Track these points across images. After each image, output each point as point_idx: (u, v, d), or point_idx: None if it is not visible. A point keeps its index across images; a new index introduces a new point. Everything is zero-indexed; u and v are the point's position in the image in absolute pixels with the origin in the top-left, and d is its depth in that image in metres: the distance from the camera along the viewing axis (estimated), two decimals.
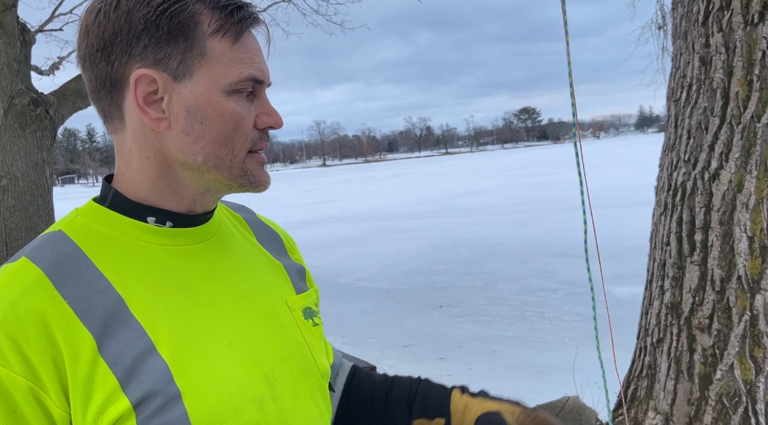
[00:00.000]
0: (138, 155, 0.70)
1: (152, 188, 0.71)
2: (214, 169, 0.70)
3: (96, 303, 0.63)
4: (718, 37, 2.11)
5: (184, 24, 0.66)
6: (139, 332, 0.63)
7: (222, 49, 0.68)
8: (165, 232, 0.71)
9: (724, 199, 2.09)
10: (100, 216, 0.70)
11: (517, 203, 16.65)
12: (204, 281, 0.71)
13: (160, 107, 0.68)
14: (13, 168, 5.04)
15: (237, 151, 0.70)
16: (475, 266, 9.02)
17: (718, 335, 2.09)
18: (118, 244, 0.68)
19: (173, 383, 0.62)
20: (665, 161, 2.44)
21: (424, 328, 6.23)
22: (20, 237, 5.09)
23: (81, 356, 0.60)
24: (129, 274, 0.67)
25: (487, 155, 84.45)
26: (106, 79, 0.69)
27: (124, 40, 0.66)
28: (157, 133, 0.69)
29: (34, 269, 0.63)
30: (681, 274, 2.23)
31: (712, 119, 2.13)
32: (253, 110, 0.71)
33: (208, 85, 0.68)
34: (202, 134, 0.68)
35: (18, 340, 0.59)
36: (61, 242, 0.67)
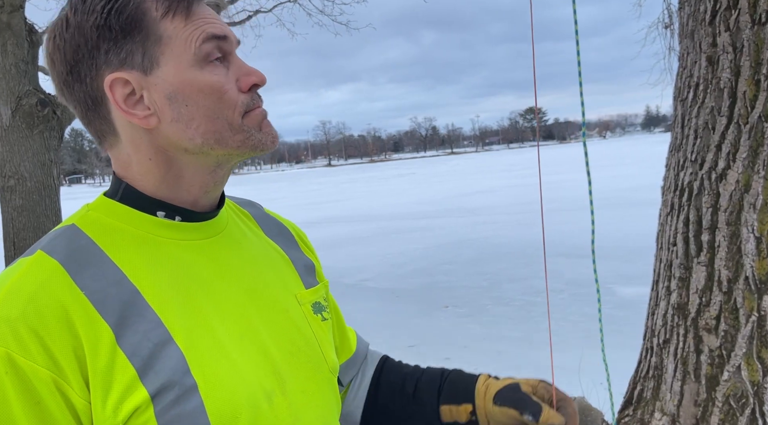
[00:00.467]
0: (138, 160, 0.71)
1: (160, 183, 0.71)
2: (217, 145, 0.70)
3: (112, 295, 0.63)
4: (725, 37, 2.10)
5: (132, 17, 0.66)
6: (155, 322, 0.64)
7: (176, 27, 0.68)
8: (175, 226, 0.72)
9: (731, 199, 2.08)
10: (112, 210, 0.71)
11: (522, 203, 16.61)
12: (214, 276, 0.72)
13: (144, 105, 0.68)
14: (21, 168, 5.07)
15: (231, 119, 0.70)
16: (480, 266, 9.01)
17: (725, 336, 2.08)
18: (131, 237, 0.69)
19: (189, 374, 0.63)
20: (672, 161, 2.43)
21: (429, 328, 6.23)
22: (28, 237, 5.12)
23: (100, 347, 0.61)
24: (143, 266, 0.67)
25: (493, 155, 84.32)
26: (87, 99, 0.69)
27: (86, 54, 0.67)
28: (151, 131, 0.69)
29: (50, 262, 0.64)
30: (688, 275, 2.22)
31: (719, 118, 2.12)
32: (231, 76, 0.71)
33: (177, 66, 0.68)
34: (192, 115, 0.68)
35: (40, 332, 0.59)
36: (74, 235, 0.68)
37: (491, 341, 5.63)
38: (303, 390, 0.74)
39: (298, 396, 0.73)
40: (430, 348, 5.56)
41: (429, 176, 40.05)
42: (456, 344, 5.63)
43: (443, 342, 5.70)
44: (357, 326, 4.91)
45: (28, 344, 0.59)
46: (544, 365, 4.59)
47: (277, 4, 8.62)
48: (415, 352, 5.50)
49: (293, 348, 0.75)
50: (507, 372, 3.92)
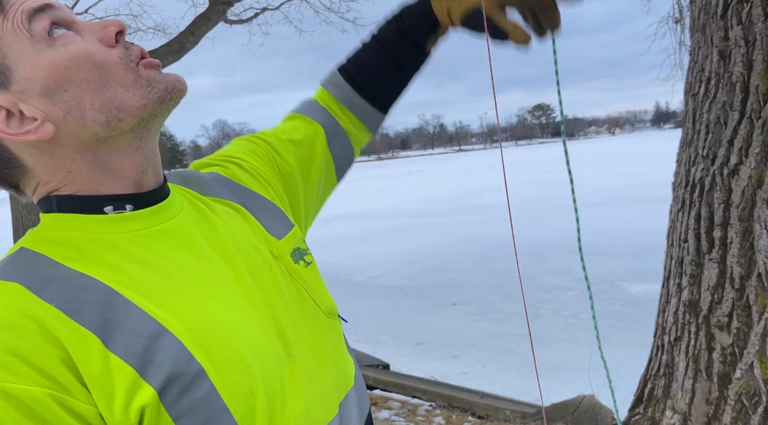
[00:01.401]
0: (61, 179, 0.64)
1: (94, 183, 0.65)
2: (122, 115, 0.62)
3: (85, 301, 0.59)
4: (737, 30, 2.07)
5: None
6: (142, 317, 0.59)
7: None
8: (128, 217, 0.65)
9: (743, 195, 2.05)
10: (57, 223, 0.64)
11: (531, 201, 16.55)
12: (189, 256, 0.67)
13: (28, 117, 0.61)
14: None
15: (121, 79, 0.62)
16: (489, 263, 8.98)
17: (737, 333, 2.05)
18: (85, 243, 0.63)
19: (194, 360, 0.59)
20: (683, 156, 2.40)
21: (438, 326, 6.22)
22: None
23: (89, 354, 0.57)
24: (108, 267, 0.62)
25: None
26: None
27: None
28: (57, 139, 0.62)
29: (8, 285, 0.58)
30: (699, 271, 2.20)
31: (731, 113, 2.09)
32: (89, 39, 0.63)
33: (27, 59, 0.59)
34: (77, 98, 0.61)
35: (22, 353, 0.55)
36: (26, 256, 0.62)
37: (500, 338, 5.61)
38: (309, 348, 0.71)
39: (306, 355, 0.70)
40: (438, 346, 5.55)
41: (437, 173, 39.99)
42: (464, 341, 5.61)
43: (452, 340, 5.69)
44: (366, 323, 4.98)
45: (11, 368, 0.54)
46: (554, 362, 4.60)
47: (284, 2, 8.61)
48: (424, 350, 5.49)
49: (288, 307, 0.72)
50: (515, 370, 3.92)
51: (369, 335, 5.89)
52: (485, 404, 3.66)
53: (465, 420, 3.58)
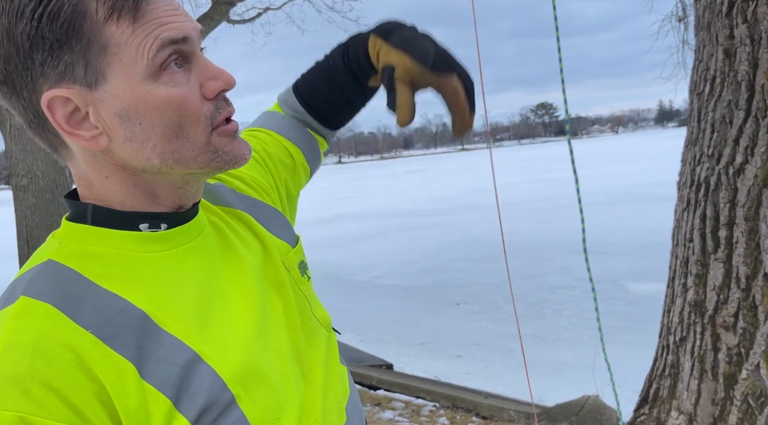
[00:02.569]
0: (96, 178, 0.62)
1: (131, 197, 0.63)
2: (176, 165, 0.61)
3: (121, 325, 0.56)
4: (742, 29, 2.05)
5: (69, 23, 0.55)
6: (176, 345, 0.58)
7: (123, 32, 0.56)
8: (161, 236, 0.63)
9: (749, 194, 2.04)
10: (86, 236, 0.62)
11: (534, 200, 16.52)
12: (214, 276, 0.66)
13: (91, 123, 0.58)
14: (34, 167, 5.11)
15: (194, 137, 0.60)
16: (492, 263, 8.97)
17: (743, 333, 2.04)
18: (117, 260, 0.61)
19: (227, 389, 0.58)
20: (688, 155, 2.39)
21: (441, 325, 6.21)
22: (41, 236, 5.16)
23: (127, 385, 0.54)
24: (141, 289, 0.60)
25: (504, 151, 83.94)
26: (28, 114, 0.59)
27: (19, 65, 0.56)
28: (108, 151, 0.60)
29: (40, 306, 0.55)
30: (705, 271, 2.19)
31: (736, 112, 2.08)
32: (194, 82, 0.60)
33: (127, 79, 0.57)
34: (147, 135, 0.59)
35: (54, 385, 0.52)
36: (55, 270, 0.59)
37: (503, 338, 5.60)
38: (318, 363, 0.72)
39: (318, 372, 0.71)
40: (441, 346, 5.54)
41: (440, 172, 39.96)
42: (467, 341, 5.60)
43: (454, 340, 5.68)
44: (369, 323, 4.97)
45: (43, 401, 0.51)
46: (557, 362, 4.59)
47: (287, 1, 8.61)
48: (426, 349, 5.48)
49: (298, 324, 0.72)
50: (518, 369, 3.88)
51: (372, 335, 5.89)
52: (489, 404, 3.65)
53: (469, 420, 3.57)
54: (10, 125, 5.10)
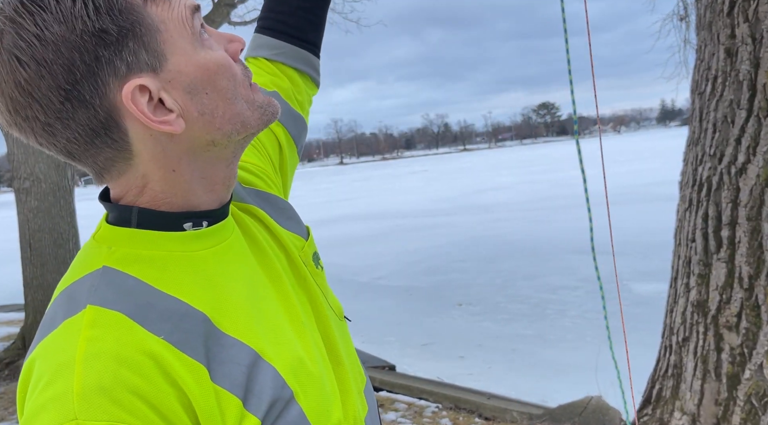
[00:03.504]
0: (162, 176, 0.61)
1: (185, 193, 0.63)
2: (242, 128, 0.63)
3: (189, 330, 0.57)
4: (744, 28, 2.05)
5: (125, 11, 0.55)
6: (237, 346, 0.59)
7: (164, 10, 0.58)
8: (202, 234, 0.64)
9: (751, 194, 2.03)
10: (134, 240, 0.62)
11: (536, 200, 16.51)
12: (253, 273, 0.67)
13: (166, 109, 0.59)
14: (36, 170, 5.12)
15: (245, 96, 0.63)
16: (494, 263, 8.96)
17: (746, 333, 2.03)
18: (169, 263, 0.61)
19: (287, 385, 0.60)
20: (690, 155, 2.38)
21: (444, 326, 6.20)
22: (44, 238, 5.17)
23: (202, 389, 0.55)
24: (196, 290, 0.60)
25: (506, 151, 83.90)
26: (95, 125, 0.58)
27: (85, 71, 0.55)
28: (176, 138, 0.60)
29: (112, 315, 0.55)
30: (707, 271, 2.18)
31: (738, 111, 2.07)
32: (221, 47, 0.63)
33: (183, 52, 0.59)
34: (215, 103, 0.61)
35: (141, 393, 0.52)
36: (116, 277, 0.58)
37: (505, 339, 5.59)
38: (343, 351, 0.74)
39: (345, 360, 0.73)
40: (443, 347, 5.53)
41: (442, 173, 39.95)
42: (470, 342, 5.59)
43: (457, 340, 5.68)
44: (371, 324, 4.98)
45: (133, 410, 0.51)
46: (560, 363, 4.58)
47: None
48: (429, 351, 5.48)
49: (322, 314, 0.73)
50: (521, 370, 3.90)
51: (375, 336, 5.88)
52: (492, 405, 3.64)
53: (472, 421, 3.57)
54: None
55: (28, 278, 5.24)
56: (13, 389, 4.72)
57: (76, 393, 0.51)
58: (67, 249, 5.27)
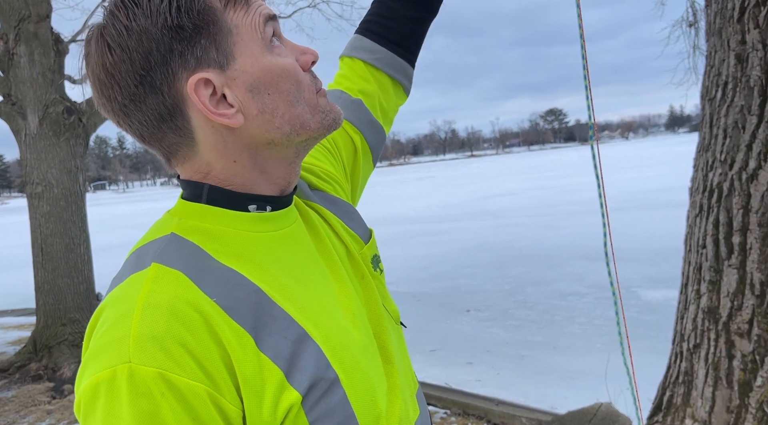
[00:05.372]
0: (224, 164, 0.67)
1: (246, 181, 0.68)
2: (302, 130, 0.68)
3: (240, 298, 0.61)
4: (754, 34, 2.05)
5: (202, 12, 0.63)
6: (287, 320, 0.62)
7: (239, 16, 0.65)
8: (267, 217, 0.69)
9: (762, 200, 2.02)
10: (203, 214, 0.68)
11: (544, 206, 16.46)
12: (310, 262, 0.71)
13: (227, 103, 0.65)
14: (48, 175, 5.16)
15: (309, 101, 0.68)
16: (502, 269, 8.94)
17: (758, 340, 2.02)
18: (230, 237, 0.66)
19: (331, 368, 0.63)
20: (700, 161, 2.38)
21: (452, 332, 6.18)
22: (55, 243, 5.21)
23: (245, 354, 0.59)
24: (253, 265, 0.65)
25: (513, 157, 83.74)
26: (162, 110, 0.64)
27: (159, 60, 0.62)
28: (236, 132, 0.66)
29: (172, 272, 0.61)
30: (718, 277, 2.17)
31: (749, 117, 2.07)
32: (291, 56, 0.69)
33: (251, 55, 0.65)
34: (276, 104, 0.66)
35: (189, 346, 0.56)
36: (181, 243, 0.64)
37: (514, 345, 5.57)
38: (395, 353, 0.76)
39: (396, 360, 0.75)
40: (452, 353, 5.52)
41: (449, 179, 39.91)
42: (478, 348, 5.58)
43: (466, 347, 5.66)
44: None
45: (179, 360, 0.55)
46: (569, 370, 4.55)
47: (296, 10, 8.68)
48: (437, 356, 5.46)
49: (377, 316, 0.76)
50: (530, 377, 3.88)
51: None
52: (501, 411, 3.63)
53: None
54: (25, 134, 5.17)
55: (40, 283, 5.28)
56: (25, 392, 4.76)
57: (132, 338, 0.56)
58: (78, 254, 5.30)
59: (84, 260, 5.35)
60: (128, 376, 0.54)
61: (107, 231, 19.23)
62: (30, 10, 4.99)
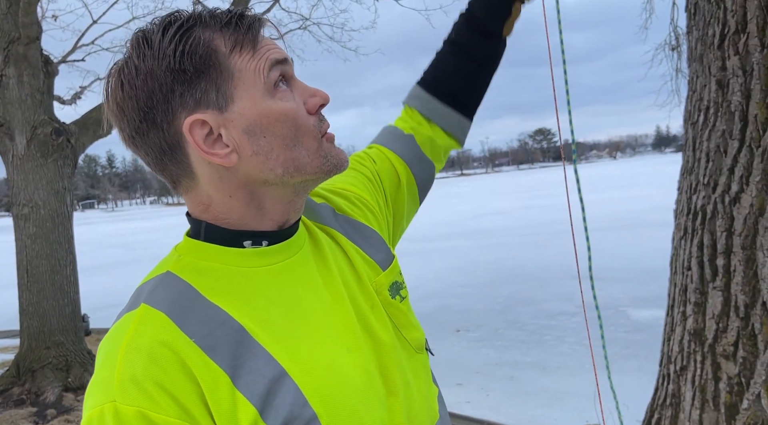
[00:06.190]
0: (221, 199, 0.70)
1: (243, 218, 0.71)
2: (296, 173, 0.70)
3: (220, 337, 0.64)
4: (734, 60, 2.09)
5: (204, 56, 0.66)
6: (266, 358, 0.64)
7: (244, 60, 0.67)
8: (262, 252, 0.72)
9: (745, 223, 2.05)
10: (200, 251, 0.71)
11: (534, 225, 16.53)
12: (308, 293, 0.72)
13: (222, 143, 0.68)
14: (35, 196, 5.13)
15: (308, 145, 0.70)
16: (492, 289, 8.94)
17: (743, 362, 2.03)
18: (224, 275, 0.69)
19: (308, 406, 0.64)
20: (684, 184, 2.41)
21: (442, 353, 6.16)
22: (41, 265, 5.15)
23: (220, 391, 0.62)
24: (241, 302, 0.67)
25: (503, 176, 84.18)
26: (163, 145, 0.68)
27: (161, 100, 0.66)
28: (232, 168, 0.69)
29: (157, 314, 0.64)
30: (703, 300, 2.19)
31: (731, 142, 2.11)
32: (298, 99, 0.71)
33: (251, 99, 0.67)
34: (271, 146, 0.68)
35: (166, 386, 0.60)
36: (172, 282, 0.68)
37: (504, 366, 5.55)
38: (406, 384, 0.76)
39: (404, 393, 0.75)
40: (441, 374, 5.47)
41: (440, 197, 40.02)
42: (469, 369, 5.55)
43: (456, 368, 5.63)
44: None
45: (158, 399, 0.60)
46: (559, 390, 4.53)
47: (287, 32, 8.75)
48: None
49: (387, 344, 0.76)
50: (520, 398, 3.86)
51: None
52: None
53: None
54: (13, 155, 5.14)
55: (24, 305, 5.21)
56: (7, 417, 4.66)
57: (116, 380, 0.61)
58: (64, 275, 5.25)
59: (70, 282, 5.30)
60: (113, 414, 0.59)
61: (95, 251, 19.04)
62: (20, 32, 5.00)
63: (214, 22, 0.67)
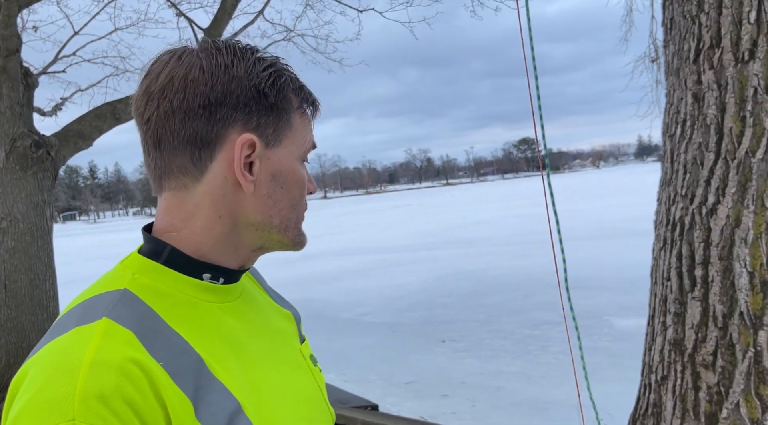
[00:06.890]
0: (208, 214, 0.71)
1: (215, 245, 0.72)
2: (282, 230, 0.75)
3: (184, 365, 0.63)
4: (709, 75, 2.13)
5: (284, 98, 0.72)
6: (224, 392, 0.65)
7: (301, 123, 0.75)
8: (217, 289, 0.73)
9: (722, 234, 2.08)
10: (156, 274, 0.70)
11: (519, 234, 16.62)
12: (251, 337, 0.75)
13: (250, 172, 0.71)
14: (14, 210, 5.06)
15: (299, 214, 0.77)
16: (477, 298, 8.96)
17: (722, 372, 2.06)
18: (181, 303, 0.69)
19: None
20: (663, 195, 2.44)
21: (427, 364, 6.15)
22: (19, 279, 5.07)
23: (185, 420, 0.60)
24: (198, 333, 0.67)
25: (488, 186, 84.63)
26: (198, 136, 0.69)
27: (232, 103, 0.69)
28: (238, 195, 0.71)
29: (124, 331, 0.61)
30: (683, 310, 2.21)
31: (707, 154, 2.14)
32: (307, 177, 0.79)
33: (291, 153, 0.74)
34: (281, 197, 0.74)
35: (135, 406, 0.57)
36: (133, 301, 0.66)
37: (489, 376, 5.56)
38: None
39: None
40: (427, 385, 5.48)
41: (425, 207, 40.11)
42: (454, 380, 5.55)
43: (441, 378, 5.63)
44: (354, 362, 4.92)
45: (125, 419, 0.56)
46: (543, 400, 4.54)
47: (271, 43, 8.76)
48: (413, 389, 5.42)
49: (314, 404, 0.80)
50: (505, 409, 3.85)
51: (357, 374, 5.81)
52: None
53: None
54: None
55: (2, 320, 5.12)
56: None
57: (78, 396, 0.55)
58: (43, 290, 5.17)
59: (49, 297, 5.22)
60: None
61: (76, 263, 18.79)
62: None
63: (293, 82, 0.75)
